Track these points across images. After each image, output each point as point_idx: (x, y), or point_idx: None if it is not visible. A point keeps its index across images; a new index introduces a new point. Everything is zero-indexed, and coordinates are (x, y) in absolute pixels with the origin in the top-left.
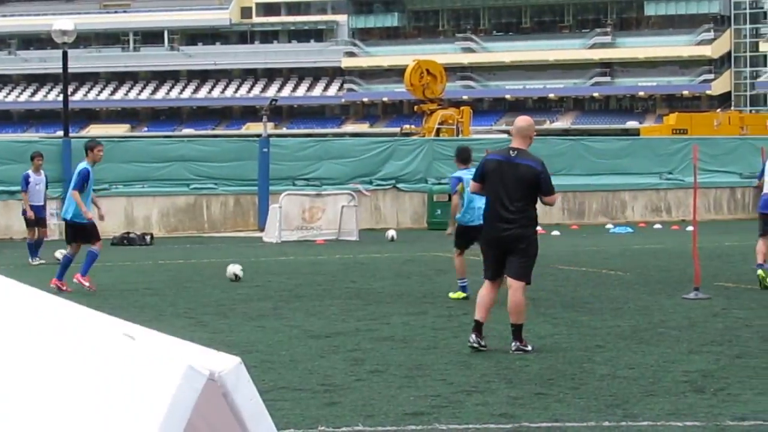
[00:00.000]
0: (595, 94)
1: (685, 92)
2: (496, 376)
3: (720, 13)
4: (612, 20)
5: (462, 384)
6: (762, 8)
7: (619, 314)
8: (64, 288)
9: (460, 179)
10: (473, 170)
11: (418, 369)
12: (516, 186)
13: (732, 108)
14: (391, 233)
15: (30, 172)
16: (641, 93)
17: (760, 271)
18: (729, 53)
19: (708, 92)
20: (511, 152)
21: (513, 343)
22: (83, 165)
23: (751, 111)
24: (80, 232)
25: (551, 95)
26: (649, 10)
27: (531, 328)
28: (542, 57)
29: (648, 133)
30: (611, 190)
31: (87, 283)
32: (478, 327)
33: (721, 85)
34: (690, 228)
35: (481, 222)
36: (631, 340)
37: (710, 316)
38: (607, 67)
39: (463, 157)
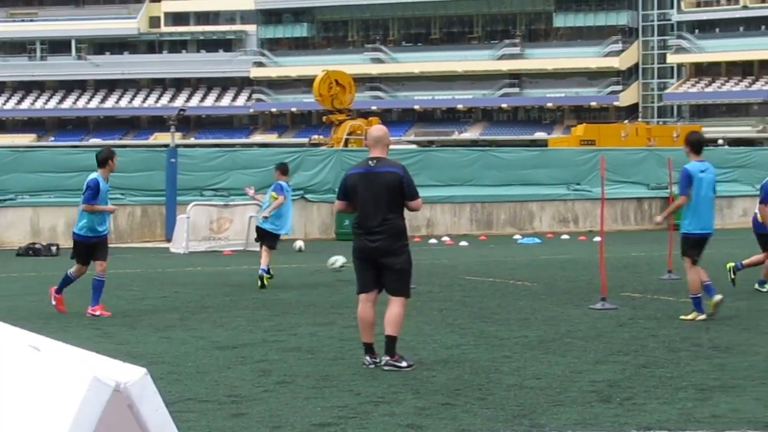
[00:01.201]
0: (504, 105)
1: (593, 103)
2: (403, 386)
3: (628, 25)
4: (521, 32)
5: (369, 395)
6: (669, 20)
7: (526, 324)
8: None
9: (281, 186)
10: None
11: (326, 380)
12: (381, 195)
13: (639, 119)
14: (299, 244)
15: None
16: (549, 104)
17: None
18: (637, 65)
19: (616, 103)
20: (370, 162)
21: (384, 358)
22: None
23: (658, 122)
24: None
25: (460, 106)
26: (558, 22)
27: (439, 339)
28: (451, 68)
29: (556, 144)
30: (519, 201)
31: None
32: (369, 349)
33: (628, 96)
34: (597, 239)
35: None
36: (538, 350)
37: (617, 326)
38: (516, 78)
39: (283, 169)
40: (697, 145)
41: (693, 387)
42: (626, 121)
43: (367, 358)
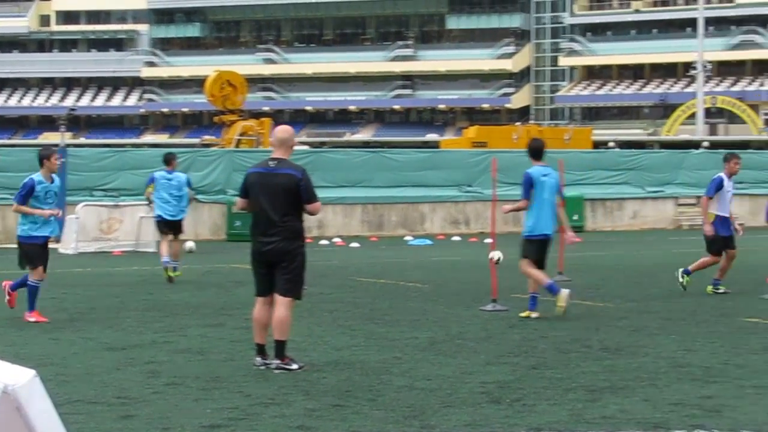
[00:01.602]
0: (396, 107)
1: (485, 105)
2: (293, 388)
3: (521, 28)
4: (414, 33)
5: (259, 396)
6: (562, 23)
7: (416, 326)
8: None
9: (152, 179)
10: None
11: (216, 381)
12: (278, 196)
13: (531, 121)
14: (190, 245)
15: None
16: (442, 106)
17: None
18: (529, 67)
19: (508, 106)
20: (271, 162)
21: (275, 361)
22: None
23: (550, 125)
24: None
25: (352, 107)
26: (451, 24)
27: (329, 340)
28: (343, 69)
29: (448, 145)
30: (411, 203)
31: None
32: (261, 350)
33: (520, 98)
34: (488, 240)
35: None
36: (429, 351)
37: (507, 328)
38: (408, 79)
39: (167, 159)
40: (535, 151)
41: (583, 388)
42: (518, 123)
43: (258, 359)
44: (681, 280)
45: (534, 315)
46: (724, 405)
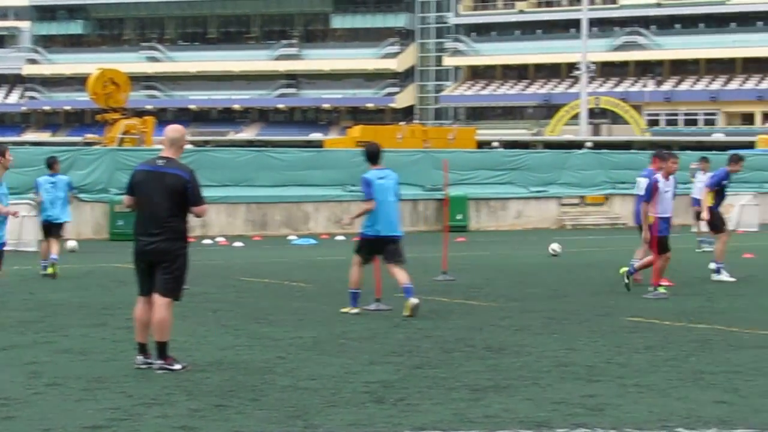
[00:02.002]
0: (281, 106)
1: (370, 105)
2: (176, 388)
3: (405, 27)
4: (298, 32)
5: (142, 396)
6: (447, 23)
7: (300, 325)
8: None
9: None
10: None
11: (98, 381)
12: (164, 196)
13: (415, 121)
14: (72, 244)
15: None
16: (326, 105)
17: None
18: (413, 67)
19: (392, 105)
20: (159, 161)
21: (157, 362)
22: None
23: (434, 125)
24: None
25: (236, 106)
26: (336, 23)
27: (213, 340)
28: (228, 68)
29: (332, 145)
30: (295, 202)
31: None
32: (142, 349)
33: (405, 98)
34: None
35: None
36: (313, 351)
37: (391, 327)
38: (293, 78)
39: (49, 163)
40: (370, 155)
41: (466, 387)
42: (402, 123)
43: (140, 357)
44: (626, 281)
45: (354, 311)
46: (607, 403)
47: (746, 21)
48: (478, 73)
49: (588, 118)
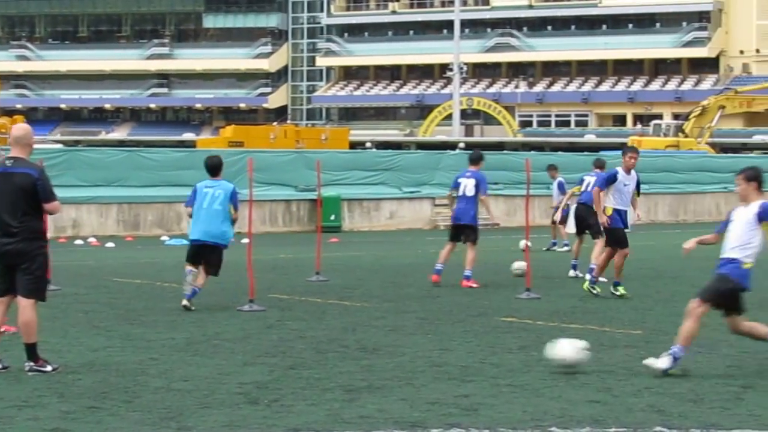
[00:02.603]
0: (152, 105)
1: (242, 105)
2: (47, 390)
3: (278, 28)
4: (170, 32)
5: (12, 399)
6: (319, 23)
7: (173, 326)
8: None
9: None
10: None
11: None
12: (15, 196)
13: (288, 121)
14: None
15: None
16: (198, 105)
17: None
18: (286, 67)
19: (265, 105)
20: (7, 162)
21: (27, 364)
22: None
23: (307, 125)
24: None
25: (108, 105)
26: (208, 23)
27: (85, 342)
28: (99, 67)
29: (204, 145)
30: (167, 202)
31: None
32: None
33: (278, 98)
34: (245, 240)
35: None
36: (186, 352)
37: (265, 328)
38: (165, 78)
39: None
40: (210, 168)
41: (340, 388)
42: (275, 123)
43: None
44: (617, 293)
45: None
46: (481, 403)
47: (618, 23)
48: (350, 74)
49: (461, 119)
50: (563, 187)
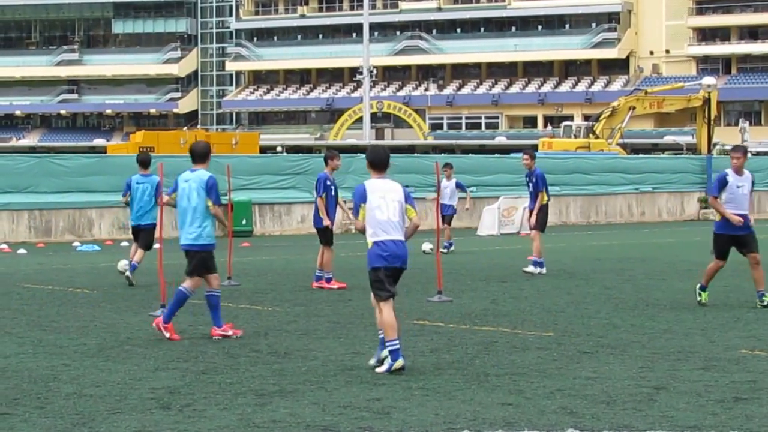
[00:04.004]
0: (63, 112)
1: (153, 110)
2: None
3: (187, 33)
4: (79, 37)
5: None
6: (228, 28)
7: (85, 332)
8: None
9: None
10: None
11: None
12: None
13: (199, 126)
14: None
15: None
16: (109, 111)
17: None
18: (196, 72)
19: (175, 110)
20: None
21: None
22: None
23: (217, 129)
24: None
25: (18, 112)
26: (117, 28)
27: None
28: (8, 73)
29: (115, 150)
30: (78, 208)
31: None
32: None
33: (188, 103)
34: (157, 245)
35: None
36: (98, 357)
37: (177, 333)
38: (75, 84)
39: None
40: (141, 162)
41: (252, 392)
42: (185, 128)
43: None
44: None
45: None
46: (393, 407)
47: (527, 25)
48: (260, 78)
49: (371, 122)
50: (462, 186)
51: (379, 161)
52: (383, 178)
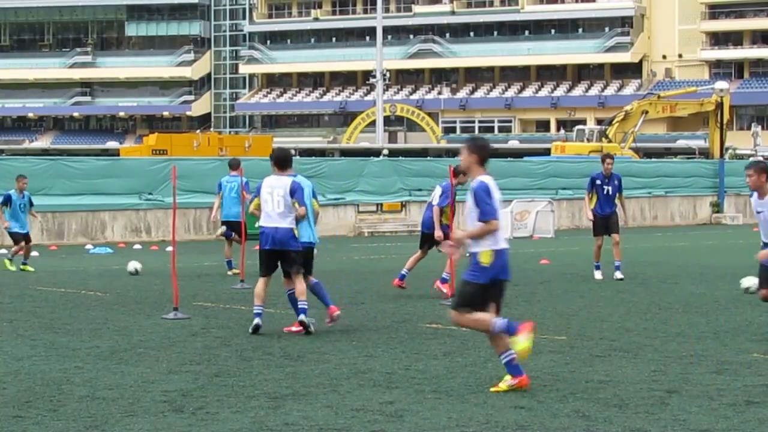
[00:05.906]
0: (76, 114)
1: (166, 113)
2: None
3: (200, 35)
4: (93, 40)
5: None
6: (242, 31)
7: (98, 335)
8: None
9: None
10: None
11: None
12: None
13: (212, 129)
14: None
15: None
16: (121, 113)
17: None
18: (209, 75)
19: (188, 113)
20: None
21: None
22: None
23: (230, 132)
24: None
25: (31, 114)
26: (130, 31)
27: (9, 350)
28: (22, 75)
29: (128, 153)
30: (91, 211)
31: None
32: None
33: (201, 106)
34: (169, 248)
35: None
36: (111, 360)
37: (189, 336)
38: (88, 86)
39: None
40: (230, 164)
41: (265, 395)
42: (198, 131)
43: None
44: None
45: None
46: (405, 410)
47: (540, 29)
48: (273, 81)
49: (384, 126)
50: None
51: (276, 159)
52: (280, 176)
